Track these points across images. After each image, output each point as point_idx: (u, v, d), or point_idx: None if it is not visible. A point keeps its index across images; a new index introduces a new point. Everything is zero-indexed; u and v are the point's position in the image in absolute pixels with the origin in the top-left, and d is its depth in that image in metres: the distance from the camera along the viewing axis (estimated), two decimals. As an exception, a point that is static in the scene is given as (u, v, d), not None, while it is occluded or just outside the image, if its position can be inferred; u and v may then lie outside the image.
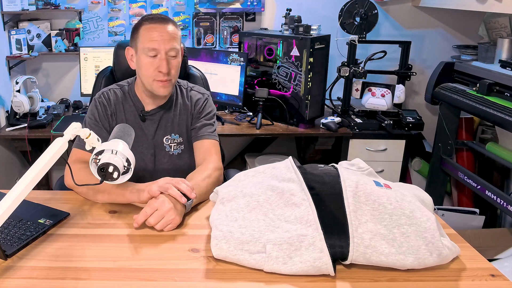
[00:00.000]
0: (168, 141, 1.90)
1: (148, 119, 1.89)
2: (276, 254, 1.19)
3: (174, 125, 1.91)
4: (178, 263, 1.26)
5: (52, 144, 1.29)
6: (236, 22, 3.60)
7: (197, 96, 1.96)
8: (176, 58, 1.77)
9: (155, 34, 1.72)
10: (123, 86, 1.93)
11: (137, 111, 1.89)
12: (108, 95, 1.88)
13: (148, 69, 1.75)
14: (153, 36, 1.72)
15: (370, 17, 3.18)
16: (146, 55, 1.74)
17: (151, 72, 1.75)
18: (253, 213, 1.30)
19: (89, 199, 1.64)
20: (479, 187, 2.91)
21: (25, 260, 1.27)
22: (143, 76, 1.79)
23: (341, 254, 1.20)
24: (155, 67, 1.74)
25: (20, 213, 1.39)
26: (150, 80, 1.78)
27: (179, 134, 1.92)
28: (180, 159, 1.92)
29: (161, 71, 1.74)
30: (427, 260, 1.20)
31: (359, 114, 3.26)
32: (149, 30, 1.74)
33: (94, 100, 1.88)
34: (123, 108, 1.89)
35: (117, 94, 1.90)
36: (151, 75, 1.76)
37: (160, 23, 1.74)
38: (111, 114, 1.86)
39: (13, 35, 3.26)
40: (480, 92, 2.83)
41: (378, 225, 1.22)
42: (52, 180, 3.73)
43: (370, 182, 1.32)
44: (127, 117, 1.88)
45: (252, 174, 1.49)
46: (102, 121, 1.84)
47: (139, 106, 1.89)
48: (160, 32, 1.73)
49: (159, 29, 1.73)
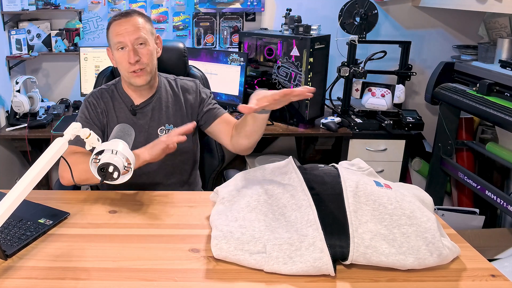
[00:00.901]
0: (163, 132, 1.94)
1: (139, 112, 1.94)
2: (276, 254, 1.19)
3: (169, 115, 1.96)
4: (178, 263, 1.26)
5: (52, 144, 1.29)
6: (236, 22, 3.60)
7: (188, 84, 2.03)
8: (145, 46, 1.84)
9: (120, 28, 1.82)
10: (110, 85, 2.00)
11: (127, 107, 1.94)
12: (96, 95, 1.96)
13: (121, 63, 1.85)
14: (118, 31, 1.82)
15: (370, 17, 3.18)
16: (117, 50, 1.84)
17: (124, 65, 1.84)
18: (254, 213, 1.30)
19: (94, 182, 1.72)
20: (479, 187, 2.91)
21: (25, 260, 1.27)
22: (121, 71, 1.89)
23: (341, 254, 1.20)
24: (126, 60, 1.82)
25: (20, 213, 1.39)
26: (126, 73, 1.86)
27: (174, 124, 1.95)
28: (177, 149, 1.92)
29: (130, 62, 1.81)
30: (427, 260, 1.20)
31: (359, 114, 3.26)
32: (114, 26, 1.84)
33: (84, 101, 1.96)
34: (113, 106, 1.94)
35: (105, 93, 1.96)
36: (125, 68, 1.85)
37: (124, 17, 1.84)
38: (101, 111, 1.93)
39: (13, 35, 3.26)
40: (480, 92, 2.82)
41: (379, 225, 1.22)
42: (52, 180, 3.73)
43: (371, 182, 1.32)
44: (118, 114, 1.94)
45: (252, 174, 1.49)
46: (92, 119, 1.90)
47: (129, 101, 1.94)
48: (124, 25, 1.82)
49: (122, 23, 1.83)
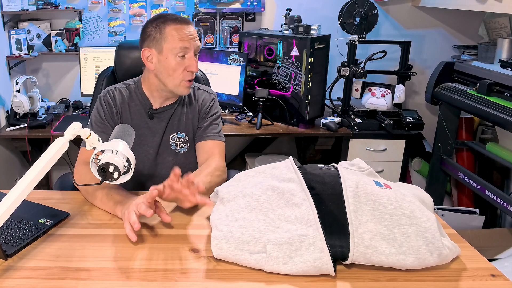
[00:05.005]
0: (174, 139, 1.91)
1: (156, 117, 1.89)
2: (276, 254, 1.19)
3: (181, 123, 1.92)
4: (178, 263, 1.26)
5: (53, 144, 1.29)
6: (236, 22, 3.60)
7: (204, 95, 1.97)
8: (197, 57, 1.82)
9: (184, 33, 1.75)
10: (129, 84, 1.93)
11: (144, 109, 1.89)
12: (113, 94, 1.89)
13: (176, 70, 1.77)
14: (183, 36, 1.74)
15: (370, 17, 3.18)
16: (176, 55, 1.75)
17: (179, 73, 1.77)
18: (254, 213, 1.30)
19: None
20: (479, 187, 2.91)
21: (26, 260, 1.27)
22: (169, 77, 1.79)
23: (342, 254, 1.20)
24: (183, 67, 1.76)
25: (20, 213, 1.39)
26: (177, 81, 1.79)
27: (185, 132, 1.93)
28: (186, 158, 1.93)
29: (191, 70, 1.77)
30: (428, 260, 1.20)
31: (359, 114, 3.27)
32: (177, 31, 1.75)
33: (99, 98, 1.89)
34: (128, 107, 1.89)
35: (123, 93, 1.90)
36: (180, 76, 1.78)
37: (186, 24, 1.78)
38: (116, 112, 1.87)
39: (13, 35, 3.26)
40: (480, 92, 2.83)
41: (379, 225, 1.23)
42: (52, 180, 3.73)
43: (371, 182, 1.33)
44: (133, 115, 1.89)
45: (252, 174, 1.49)
46: (107, 119, 1.85)
47: (147, 104, 1.89)
48: (188, 31, 1.76)
49: (187, 29, 1.76)
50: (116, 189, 1.59)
